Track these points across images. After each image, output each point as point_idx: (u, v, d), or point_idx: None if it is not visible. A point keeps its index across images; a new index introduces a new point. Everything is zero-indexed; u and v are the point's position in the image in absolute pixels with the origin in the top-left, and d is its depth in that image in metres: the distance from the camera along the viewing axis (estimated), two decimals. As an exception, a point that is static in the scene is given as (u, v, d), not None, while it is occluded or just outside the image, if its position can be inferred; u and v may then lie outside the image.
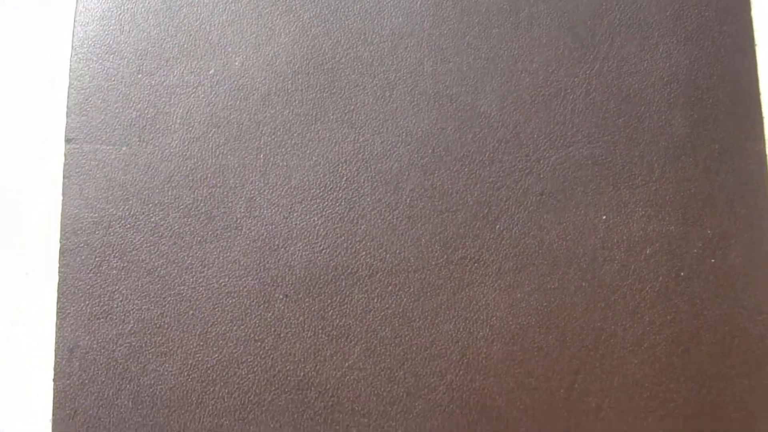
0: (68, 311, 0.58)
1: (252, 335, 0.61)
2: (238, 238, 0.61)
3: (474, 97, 0.62)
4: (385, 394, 0.60)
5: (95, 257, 0.60)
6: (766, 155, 0.64)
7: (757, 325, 0.62)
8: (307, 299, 0.61)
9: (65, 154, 0.60)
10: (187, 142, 0.61)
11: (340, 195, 0.63)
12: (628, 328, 0.61)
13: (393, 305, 0.61)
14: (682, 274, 0.62)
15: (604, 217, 0.62)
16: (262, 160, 0.62)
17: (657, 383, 0.61)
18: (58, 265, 0.60)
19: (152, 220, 0.60)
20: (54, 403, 0.58)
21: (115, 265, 0.59)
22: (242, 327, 0.60)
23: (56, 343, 0.59)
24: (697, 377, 0.61)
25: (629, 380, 0.61)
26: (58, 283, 0.59)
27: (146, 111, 0.59)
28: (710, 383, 0.61)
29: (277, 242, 0.62)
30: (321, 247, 0.61)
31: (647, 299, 0.62)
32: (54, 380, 0.59)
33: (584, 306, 0.61)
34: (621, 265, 0.62)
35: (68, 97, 0.61)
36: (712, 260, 0.62)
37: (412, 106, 0.61)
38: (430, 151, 0.61)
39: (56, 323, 0.59)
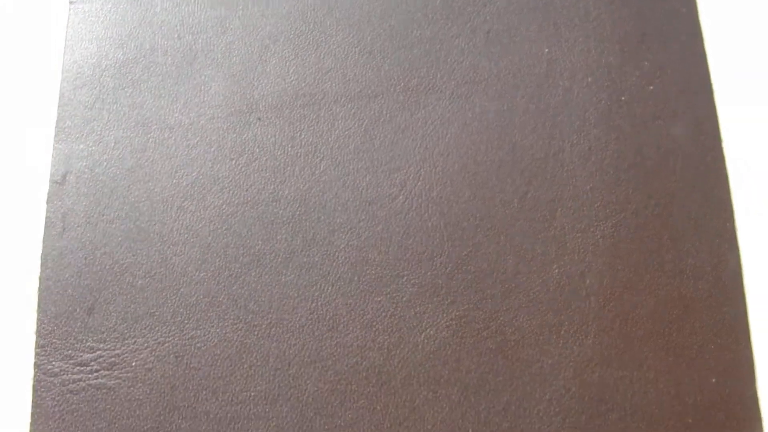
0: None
1: (228, 155, 0.54)
2: (218, 73, 0.55)
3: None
4: (350, 204, 0.53)
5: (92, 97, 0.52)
6: None
7: (698, 144, 0.55)
8: (278, 121, 0.56)
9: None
10: None
11: (310, 37, 0.57)
12: (575, 144, 0.54)
13: (356, 126, 0.54)
14: (623, 98, 0.55)
15: (546, 50, 0.56)
16: (240, 11, 0.59)
17: (607, 194, 0.53)
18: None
19: (141, 63, 0.53)
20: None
21: (110, 109, 0.52)
22: (220, 148, 0.51)
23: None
24: (644, 189, 0.53)
25: (579, 191, 0.53)
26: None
27: None
28: (658, 196, 0.53)
29: (252, 75, 0.56)
30: (291, 78, 0.53)
31: (591, 119, 0.55)
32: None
33: (532, 125, 0.54)
34: (565, 90, 0.55)
35: None
36: (651, 87, 0.55)
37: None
38: None
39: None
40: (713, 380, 0.49)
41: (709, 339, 0.49)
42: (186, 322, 0.49)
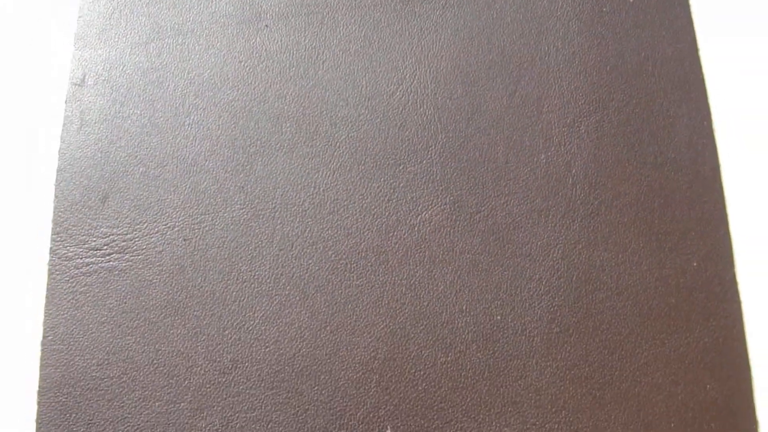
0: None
1: (238, 58, 0.50)
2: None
3: None
4: (350, 99, 0.51)
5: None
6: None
7: (675, 50, 0.54)
8: (284, 28, 0.54)
9: None
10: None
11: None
12: (560, 49, 0.54)
13: (356, 31, 0.50)
14: (604, 9, 0.55)
15: (535, -32, 0.57)
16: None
17: (590, 93, 0.52)
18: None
19: None
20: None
21: (127, 18, 0.51)
22: (230, 52, 0.49)
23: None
24: (626, 89, 0.52)
25: (564, 90, 0.53)
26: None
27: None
28: (638, 96, 0.51)
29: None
30: (296, -8, 0.56)
31: (575, 28, 0.53)
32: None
33: (520, 32, 0.53)
34: (549, 1, 0.56)
35: None
36: (631, 0, 0.56)
37: None
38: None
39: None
40: (695, 264, 0.48)
41: (690, 227, 0.49)
42: (195, 207, 0.48)
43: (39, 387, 0.46)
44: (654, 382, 0.45)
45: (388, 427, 0.44)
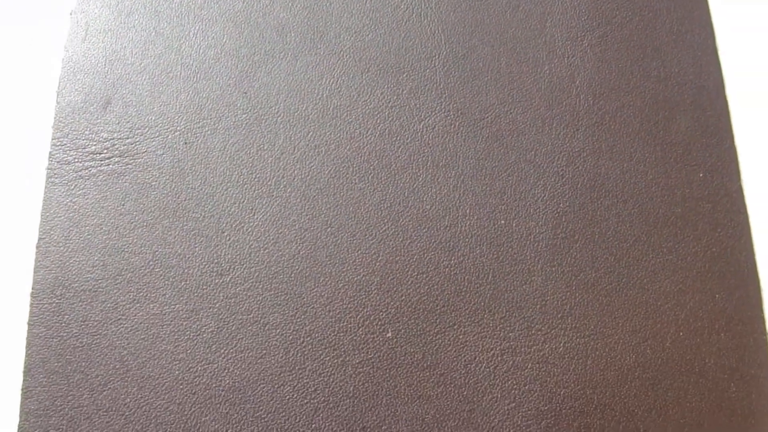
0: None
1: None
2: None
3: None
4: (355, 10, 0.43)
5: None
6: None
7: None
8: None
9: None
10: None
11: None
12: None
13: None
14: None
15: None
16: None
17: (594, 9, 0.47)
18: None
19: None
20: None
21: None
22: None
23: None
24: (629, 6, 0.48)
25: (568, 6, 0.45)
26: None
27: None
28: (642, 12, 0.47)
29: None
30: None
31: None
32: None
33: None
34: None
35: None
36: None
37: None
38: None
39: None
40: (700, 175, 0.44)
41: (694, 138, 0.44)
42: (197, 112, 0.44)
43: (32, 289, 0.41)
44: (662, 290, 0.41)
45: (389, 330, 0.40)
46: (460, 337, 0.39)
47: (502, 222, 0.40)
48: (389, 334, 0.39)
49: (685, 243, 0.41)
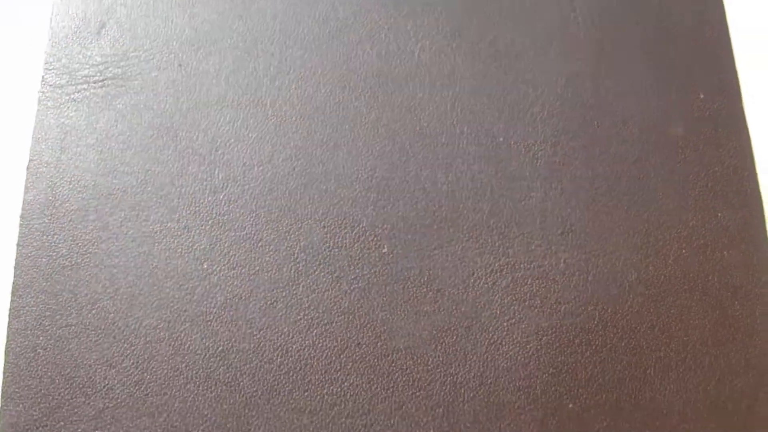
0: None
1: None
2: None
3: None
4: None
5: None
6: None
7: None
8: None
9: None
10: None
11: None
12: None
13: None
14: None
15: None
16: None
17: None
18: None
19: None
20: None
21: None
22: None
23: None
24: None
25: None
26: None
27: None
28: None
29: None
30: None
31: None
32: None
33: None
34: None
35: None
36: None
37: None
38: None
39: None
40: (701, 96, 0.41)
41: (695, 60, 0.42)
42: (193, 35, 0.40)
43: (22, 211, 0.39)
44: (663, 208, 0.38)
45: (385, 245, 0.37)
46: (458, 252, 0.36)
47: (501, 140, 0.38)
48: (385, 250, 0.36)
49: (686, 163, 0.38)
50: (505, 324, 0.35)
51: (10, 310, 0.36)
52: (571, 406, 0.34)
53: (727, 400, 0.34)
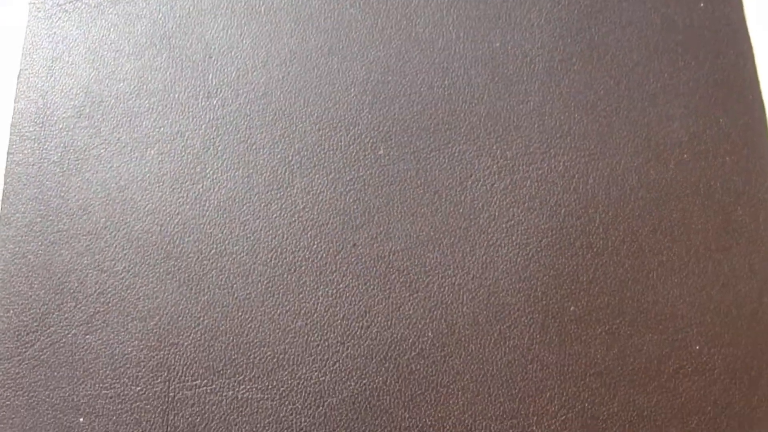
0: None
1: None
2: None
3: None
4: None
5: None
6: None
7: None
8: None
9: None
10: None
11: None
12: None
13: None
14: None
15: None
16: None
17: None
18: None
19: None
20: None
21: None
22: None
23: None
24: None
25: None
26: None
27: None
28: None
29: None
30: None
31: None
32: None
33: None
34: None
35: None
36: None
37: None
38: None
39: None
40: (701, 5, 0.40)
41: (693, -28, 0.40)
42: None
43: (12, 119, 0.37)
44: (663, 113, 0.36)
45: (381, 147, 0.35)
46: (456, 154, 0.34)
47: (497, 45, 0.36)
48: (381, 152, 0.34)
49: (686, 70, 0.36)
50: (503, 226, 0.32)
51: (0, 217, 0.34)
52: (572, 308, 0.32)
53: (731, 305, 0.32)
